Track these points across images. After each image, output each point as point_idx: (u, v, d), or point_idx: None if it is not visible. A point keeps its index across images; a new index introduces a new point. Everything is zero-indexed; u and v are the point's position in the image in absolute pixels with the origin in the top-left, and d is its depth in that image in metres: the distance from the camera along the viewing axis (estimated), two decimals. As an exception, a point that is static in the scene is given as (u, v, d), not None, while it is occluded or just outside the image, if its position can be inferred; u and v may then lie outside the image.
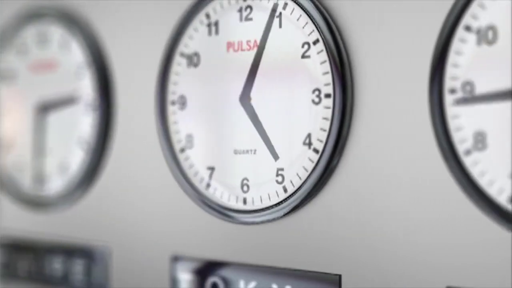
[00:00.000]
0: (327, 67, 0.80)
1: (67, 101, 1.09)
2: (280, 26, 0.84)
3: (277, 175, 0.84)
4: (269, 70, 0.85)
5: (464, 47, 0.72)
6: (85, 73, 1.06)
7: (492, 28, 0.71)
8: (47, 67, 1.11)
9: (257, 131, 0.85)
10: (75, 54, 1.08)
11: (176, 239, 0.94)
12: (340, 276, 0.80)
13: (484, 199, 0.70)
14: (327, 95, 0.80)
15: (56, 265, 1.10)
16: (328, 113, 0.80)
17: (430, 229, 0.74)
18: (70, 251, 1.07)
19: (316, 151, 0.81)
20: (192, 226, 0.93)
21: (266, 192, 0.85)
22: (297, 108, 0.83)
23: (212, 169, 0.90)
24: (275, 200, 0.84)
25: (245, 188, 0.87)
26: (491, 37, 0.71)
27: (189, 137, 0.92)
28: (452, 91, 0.73)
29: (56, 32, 1.11)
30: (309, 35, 0.82)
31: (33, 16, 1.14)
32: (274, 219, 0.84)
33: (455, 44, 0.73)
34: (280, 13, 0.84)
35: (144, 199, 0.98)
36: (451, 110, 0.73)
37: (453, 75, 0.73)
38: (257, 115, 0.85)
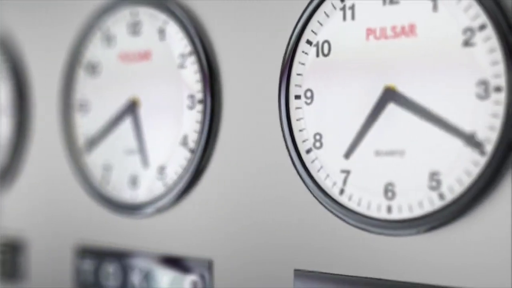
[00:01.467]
0: (199, 76, 0.91)
1: None
2: (164, 39, 0.95)
3: (159, 173, 0.94)
4: (155, 77, 0.96)
5: (306, 58, 0.82)
6: (2, 80, 1.17)
7: (327, 41, 0.81)
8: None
9: (137, 136, 0.96)
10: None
11: (78, 231, 1.05)
12: (211, 260, 0.90)
13: (321, 191, 0.81)
14: (200, 101, 0.91)
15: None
16: (200, 117, 0.91)
17: (280, 218, 0.84)
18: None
19: (191, 151, 0.91)
20: (92, 220, 1.03)
21: (150, 187, 0.96)
22: (175, 112, 0.93)
23: (108, 168, 1.00)
24: (158, 194, 0.95)
25: (132, 185, 0.97)
26: (326, 50, 0.81)
27: (91, 139, 1.03)
28: (297, 96, 0.83)
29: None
30: (184, 47, 0.92)
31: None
32: (158, 212, 0.95)
33: (299, 56, 0.83)
34: (164, 29, 0.95)
35: (52, 195, 1.09)
36: (295, 113, 0.83)
37: (298, 83, 0.83)
38: (138, 120, 0.96)
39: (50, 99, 1.09)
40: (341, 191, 0.79)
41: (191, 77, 0.92)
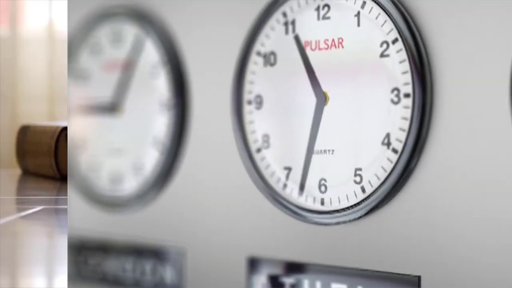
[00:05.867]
0: (406, 66, 0.78)
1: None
2: (359, 25, 0.80)
3: (355, 175, 0.79)
4: (346, 68, 0.81)
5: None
6: (160, 72, 0.95)
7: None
8: (121, 67, 0.99)
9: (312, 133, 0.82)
10: (150, 54, 0.98)
11: (252, 240, 0.84)
12: (419, 277, 0.78)
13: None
14: (406, 95, 0.79)
15: (127, 265, 0.96)
16: (408, 112, 0.78)
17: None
18: (142, 252, 0.94)
19: (395, 151, 0.79)
20: (268, 227, 0.84)
21: (344, 193, 0.80)
22: (375, 108, 0.80)
23: (289, 169, 0.84)
24: (353, 201, 0.80)
25: (322, 188, 0.81)
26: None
27: (266, 137, 0.84)
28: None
29: (130, 32, 1.01)
30: (388, 33, 0.79)
31: (106, 15, 1.04)
32: (351, 220, 0.80)
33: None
34: (358, 12, 0.80)
35: (219, 200, 0.81)
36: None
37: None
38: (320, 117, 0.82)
39: (218, 92, 0.80)
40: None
41: (395, 68, 0.79)
